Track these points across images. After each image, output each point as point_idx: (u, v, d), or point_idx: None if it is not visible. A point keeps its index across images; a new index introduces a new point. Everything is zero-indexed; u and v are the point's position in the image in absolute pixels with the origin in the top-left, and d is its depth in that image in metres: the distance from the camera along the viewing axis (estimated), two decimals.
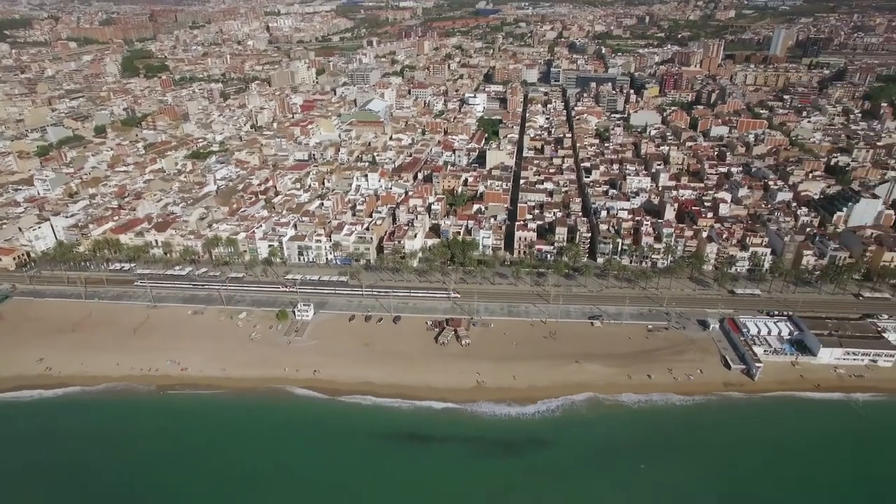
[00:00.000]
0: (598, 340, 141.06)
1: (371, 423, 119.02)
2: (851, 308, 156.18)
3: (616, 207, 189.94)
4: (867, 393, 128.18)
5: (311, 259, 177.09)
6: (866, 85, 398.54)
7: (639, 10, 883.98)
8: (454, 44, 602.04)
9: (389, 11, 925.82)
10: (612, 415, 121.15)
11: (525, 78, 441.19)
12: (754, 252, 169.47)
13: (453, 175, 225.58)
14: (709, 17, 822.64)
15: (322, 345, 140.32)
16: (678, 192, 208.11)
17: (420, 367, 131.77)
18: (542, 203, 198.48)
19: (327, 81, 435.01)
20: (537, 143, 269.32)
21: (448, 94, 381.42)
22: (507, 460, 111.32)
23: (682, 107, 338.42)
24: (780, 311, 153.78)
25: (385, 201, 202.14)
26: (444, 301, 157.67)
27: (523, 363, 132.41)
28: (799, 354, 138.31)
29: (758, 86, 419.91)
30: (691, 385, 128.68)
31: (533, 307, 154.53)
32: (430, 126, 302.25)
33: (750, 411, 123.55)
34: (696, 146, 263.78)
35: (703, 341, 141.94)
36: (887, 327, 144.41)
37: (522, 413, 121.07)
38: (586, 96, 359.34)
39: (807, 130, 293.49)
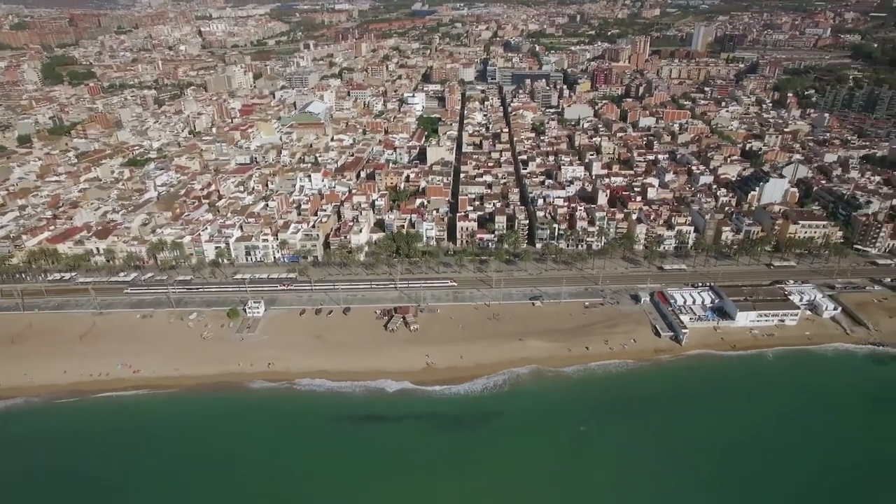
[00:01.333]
0: (538, 319, 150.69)
1: (327, 408, 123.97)
2: (764, 276, 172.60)
3: (552, 196, 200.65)
4: (776, 347, 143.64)
5: (259, 258, 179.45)
6: (776, 77, 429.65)
7: (570, 10, 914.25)
8: (391, 45, 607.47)
9: (325, 14, 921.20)
10: (554, 385, 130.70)
11: (462, 77, 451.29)
12: (679, 231, 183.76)
13: (395, 172, 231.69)
14: (636, 16, 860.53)
15: (275, 339, 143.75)
16: (610, 179, 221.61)
17: (371, 353, 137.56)
18: (482, 195, 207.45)
19: (265, 85, 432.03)
20: (476, 139, 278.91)
21: (387, 94, 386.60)
22: (458, 433, 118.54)
23: (612, 100, 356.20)
24: (703, 282, 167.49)
25: (329, 200, 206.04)
26: (391, 291, 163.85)
27: (470, 344, 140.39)
28: (720, 320, 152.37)
29: (681, 79, 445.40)
30: (626, 353, 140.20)
31: (477, 292, 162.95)
32: (370, 126, 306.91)
33: (678, 372, 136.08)
34: (625, 136, 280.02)
35: (635, 314, 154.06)
36: (793, 291, 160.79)
37: (471, 389, 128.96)
38: (522, 93, 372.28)
39: (725, 119, 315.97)
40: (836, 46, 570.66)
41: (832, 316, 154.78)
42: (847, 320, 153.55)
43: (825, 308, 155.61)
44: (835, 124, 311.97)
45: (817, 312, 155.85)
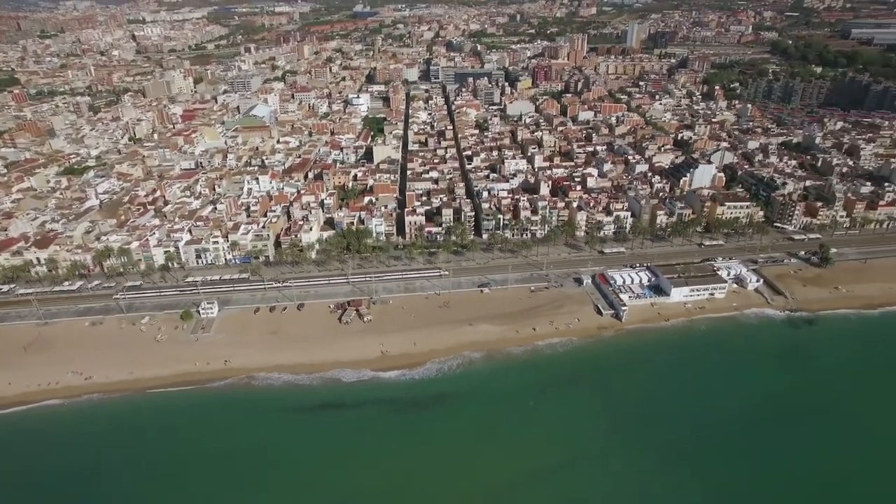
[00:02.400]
0: (487, 305, 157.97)
1: (286, 400, 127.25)
2: (695, 255, 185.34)
3: (496, 188, 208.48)
4: (707, 315, 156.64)
5: (210, 261, 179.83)
6: (704, 71, 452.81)
7: (510, 9, 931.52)
8: (334, 47, 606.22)
9: (265, 17, 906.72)
10: (504, 365, 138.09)
11: (406, 77, 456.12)
12: (618, 216, 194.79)
13: (343, 172, 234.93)
14: (574, 14, 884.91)
15: (230, 337, 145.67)
16: (552, 171, 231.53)
17: (327, 345, 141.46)
18: (428, 190, 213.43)
19: (207, 90, 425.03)
20: (421, 137, 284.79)
21: (332, 96, 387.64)
22: (415, 414, 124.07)
23: (552, 96, 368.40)
24: (640, 263, 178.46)
25: (278, 201, 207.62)
26: (344, 285, 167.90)
27: (422, 331, 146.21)
28: (656, 297, 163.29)
29: (618, 74, 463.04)
30: (570, 332, 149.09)
31: (427, 282, 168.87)
32: (316, 128, 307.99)
33: (620, 346, 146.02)
34: (566, 130, 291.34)
35: (578, 295, 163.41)
36: (721, 267, 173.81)
37: (425, 373, 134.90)
38: (465, 91, 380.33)
39: (658, 111, 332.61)
40: (757, 42, 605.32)
41: (755, 287, 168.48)
42: (768, 290, 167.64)
43: (749, 281, 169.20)
44: (757, 114, 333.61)
45: (743, 285, 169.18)
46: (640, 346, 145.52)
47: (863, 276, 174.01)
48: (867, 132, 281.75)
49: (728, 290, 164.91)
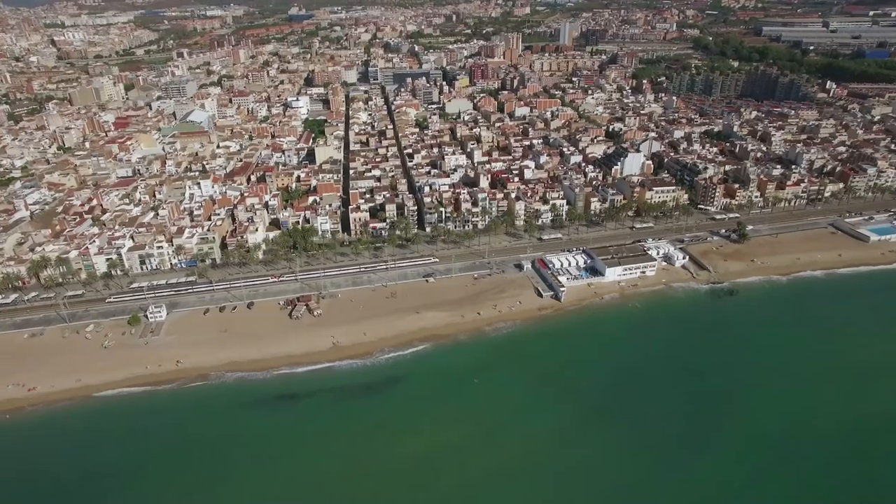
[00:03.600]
0: (433, 293, 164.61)
1: (240, 394, 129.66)
2: (627, 237, 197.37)
3: (438, 183, 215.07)
4: (639, 291, 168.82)
5: (155, 266, 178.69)
6: (633, 67, 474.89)
7: (446, 10, 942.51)
8: (271, 51, 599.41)
9: (197, 21, 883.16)
10: (451, 348, 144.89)
11: (345, 79, 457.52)
12: (554, 204, 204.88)
13: (286, 173, 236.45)
14: (508, 14, 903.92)
15: (181, 339, 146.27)
16: (490, 165, 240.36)
17: (279, 340, 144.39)
18: (372, 188, 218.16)
19: (139, 96, 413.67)
20: (362, 137, 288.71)
21: (270, 99, 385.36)
22: (366, 400, 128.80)
23: (489, 93, 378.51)
24: (576, 247, 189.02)
25: (222, 204, 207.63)
26: (293, 283, 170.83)
27: (371, 321, 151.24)
28: (592, 277, 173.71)
29: (552, 71, 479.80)
30: (513, 314, 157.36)
31: (374, 275, 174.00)
32: (256, 131, 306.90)
33: (559, 324, 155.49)
34: (503, 126, 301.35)
35: (519, 280, 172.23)
36: (651, 247, 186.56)
37: (376, 360, 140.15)
38: (404, 91, 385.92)
39: (591, 105, 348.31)
40: (681, 39, 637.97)
41: (682, 264, 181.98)
42: (693, 266, 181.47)
43: (677, 258, 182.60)
44: (681, 106, 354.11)
45: (671, 262, 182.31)
46: (579, 324, 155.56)
47: (774, 248, 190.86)
48: (777, 120, 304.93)
49: (658, 268, 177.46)
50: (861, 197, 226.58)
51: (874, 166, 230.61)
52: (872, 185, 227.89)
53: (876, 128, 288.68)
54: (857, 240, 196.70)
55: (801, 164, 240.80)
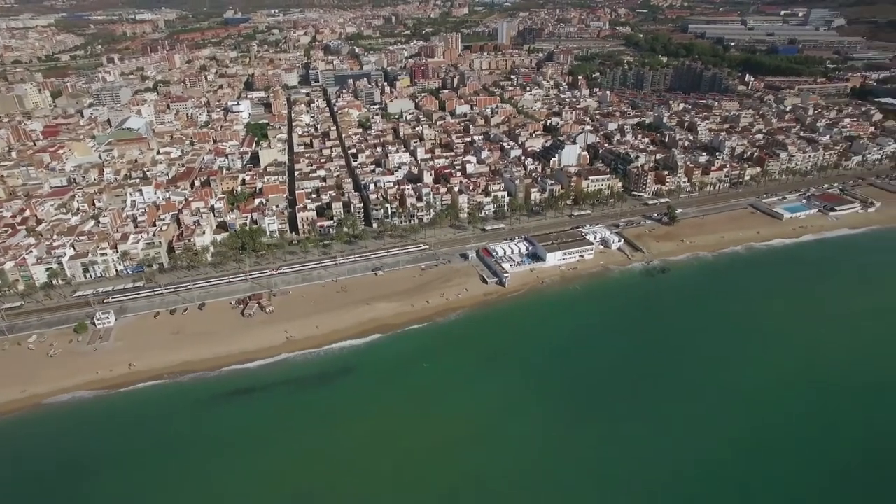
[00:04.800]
0: (382, 286, 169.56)
1: (196, 393, 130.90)
2: (566, 224, 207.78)
3: (383, 181, 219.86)
4: (579, 273, 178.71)
5: (100, 273, 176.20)
6: (569, 64, 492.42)
7: (385, 11, 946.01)
8: (208, 55, 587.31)
9: (126, 25, 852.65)
10: (401, 336, 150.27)
11: (286, 82, 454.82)
12: (496, 196, 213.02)
13: (230, 177, 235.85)
14: (447, 15, 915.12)
15: (132, 343, 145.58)
16: (433, 161, 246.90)
17: (232, 338, 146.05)
18: (318, 188, 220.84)
19: (69, 104, 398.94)
20: (306, 139, 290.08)
21: (210, 104, 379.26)
22: (321, 390, 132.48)
23: (430, 93, 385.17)
24: (518, 235, 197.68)
25: (166, 209, 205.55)
26: (243, 283, 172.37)
27: (323, 315, 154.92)
28: (534, 263, 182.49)
29: (491, 69, 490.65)
30: (460, 301, 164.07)
31: (324, 271, 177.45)
32: (197, 136, 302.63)
33: (504, 308, 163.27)
34: (445, 123, 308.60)
35: (465, 269, 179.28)
36: (588, 232, 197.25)
37: (329, 351, 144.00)
38: (346, 92, 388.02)
39: (529, 101, 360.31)
40: (614, 37, 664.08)
41: (618, 247, 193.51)
42: (629, 248, 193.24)
43: (613, 242, 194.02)
44: (615, 100, 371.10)
45: (608, 246, 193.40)
46: (523, 306, 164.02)
47: (701, 229, 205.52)
48: (702, 111, 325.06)
49: (595, 251, 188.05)
50: (776, 179, 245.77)
51: (786, 151, 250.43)
52: (785, 168, 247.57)
53: (788, 117, 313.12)
54: (772, 218, 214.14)
55: (723, 150, 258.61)
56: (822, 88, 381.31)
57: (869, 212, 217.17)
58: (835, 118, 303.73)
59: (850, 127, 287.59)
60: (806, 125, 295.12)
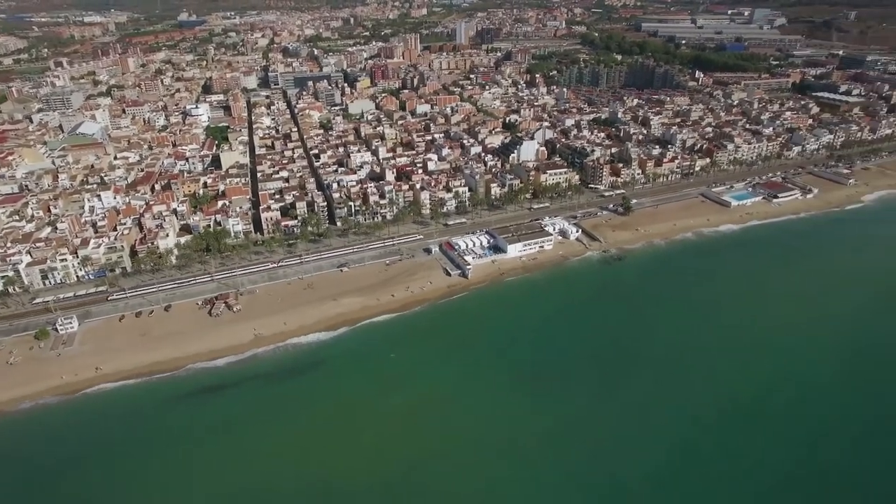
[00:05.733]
0: (348, 281, 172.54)
1: (166, 392, 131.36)
2: (526, 217, 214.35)
3: (345, 180, 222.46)
4: (540, 264, 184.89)
5: (60, 280, 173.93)
6: (526, 62, 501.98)
7: (343, 13, 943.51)
8: (162, 59, 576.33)
9: (73, 28, 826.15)
10: (367, 329, 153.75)
11: (245, 85, 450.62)
12: (457, 192, 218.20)
13: (192, 180, 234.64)
14: (406, 16, 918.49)
15: (97, 347, 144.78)
16: (395, 160, 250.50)
17: (200, 337, 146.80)
18: (281, 189, 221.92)
19: (16, 109, 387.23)
20: (267, 141, 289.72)
21: (168, 108, 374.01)
22: (290, 384, 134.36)
23: (391, 93, 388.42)
24: (480, 229, 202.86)
25: (127, 214, 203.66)
26: (210, 283, 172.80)
27: (291, 311, 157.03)
28: (496, 255, 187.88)
29: (450, 69, 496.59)
30: (425, 293, 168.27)
31: (290, 269, 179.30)
32: (156, 140, 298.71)
33: (468, 299, 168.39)
34: (405, 123, 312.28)
35: (429, 262, 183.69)
36: (547, 223, 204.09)
37: (297, 346, 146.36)
38: (306, 94, 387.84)
39: (488, 100, 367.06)
40: (570, 35, 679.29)
41: (576, 237, 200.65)
42: (586, 238, 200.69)
43: (571, 232, 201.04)
44: (572, 97, 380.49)
45: (566, 236, 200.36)
46: (485, 296, 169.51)
47: (655, 218, 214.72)
48: (655, 106, 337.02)
49: (555, 242, 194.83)
50: (724, 170, 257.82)
51: (733, 143, 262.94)
52: (732, 159, 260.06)
53: (735, 110, 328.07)
54: (721, 205, 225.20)
55: (675, 143, 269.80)
56: (765, 84, 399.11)
57: (808, 198, 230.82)
58: (777, 111, 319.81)
59: (791, 119, 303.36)
60: (751, 118, 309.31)
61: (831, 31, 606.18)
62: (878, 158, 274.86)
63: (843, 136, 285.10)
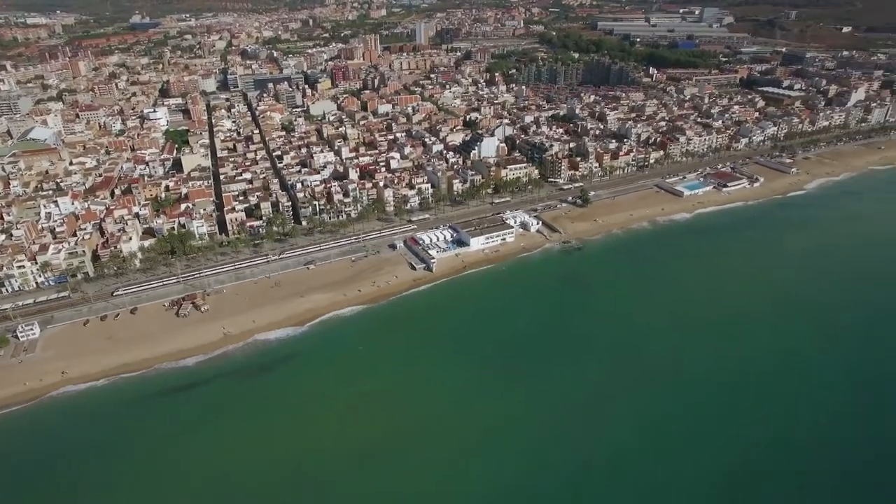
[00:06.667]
0: (315, 279, 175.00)
1: (135, 393, 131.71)
2: (488, 211, 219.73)
3: (309, 180, 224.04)
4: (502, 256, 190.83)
5: (18, 287, 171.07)
6: (486, 62, 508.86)
7: (302, 15, 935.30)
8: (116, 62, 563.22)
9: (16, 29, 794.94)
10: (335, 322, 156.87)
11: (203, 88, 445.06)
12: (420, 189, 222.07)
13: (153, 184, 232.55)
14: (365, 17, 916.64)
15: (62, 352, 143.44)
16: (358, 159, 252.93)
17: (169, 338, 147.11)
18: (244, 190, 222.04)
19: None
20: (229, 144, 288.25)
21: (125, 112, 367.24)
22: (261, 379, 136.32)
23: (352, 94, 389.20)
24: (443, 224, 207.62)
25: (86, 219, 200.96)
26: (176, 285, 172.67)
27: (259, 309, 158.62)
28: (459, 248, 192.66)
29: (411, 69, 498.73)
30: (391, 287, 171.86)
31: (257, 269, 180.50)
32: (113, 145, 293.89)
33: (433, 291, 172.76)
34: (367, 123, 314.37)
35: (394, 258, 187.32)
36: (509, 217, 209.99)
37: (266, 342, 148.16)
38: (267, 96, 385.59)
39: (449, 98, 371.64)
40: (528, 35, 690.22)
41: (537, 229, 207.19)
42: (547, 230, 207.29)
43: (532, 225, 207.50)
44: (530, 94, 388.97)
45: (527, 229, 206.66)
46: (450, 288, 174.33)
47: (612, 209, 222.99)
48: (611, 102, 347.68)
49: (516, 235, 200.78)
50: (677, 161, 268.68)
51: (685, 136, 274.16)
52: (684, 151, 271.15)
53: (686, 105, 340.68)
54: (674, 195, 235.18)
55: (630, 137, 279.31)
56: (715, 79, 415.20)
57: (754, 186, 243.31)
58: (726, 105, 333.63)
59: (739, 113, 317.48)
60: (702, 112, 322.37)
61: (775, 30, 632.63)
62: (817, 149, 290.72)
63: (785, 128, 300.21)
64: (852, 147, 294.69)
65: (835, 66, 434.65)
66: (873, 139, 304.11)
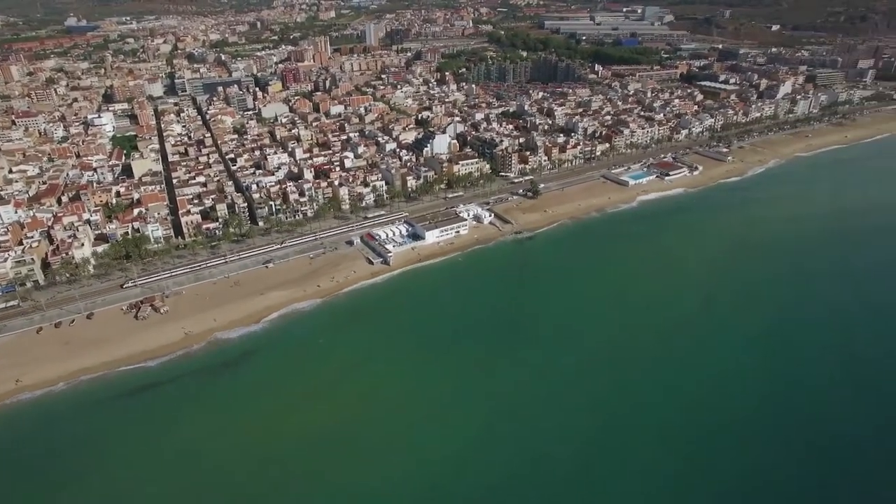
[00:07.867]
0: (274, 276, 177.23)
1: (97, 395, 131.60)
2: (442, 206, 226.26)
3: (264, 181, 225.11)
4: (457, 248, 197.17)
5: None
6: (436, 61, 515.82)
7: (249, 17, 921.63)
8: (53, 66, 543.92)
9: None
10: (297, 318, 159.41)
11: (150, 92, 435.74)
12: (374, 186, 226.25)
13: (102, 190, 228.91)
14: (314, 19, 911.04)
15: (15, 360, 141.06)
16: (312, 160, 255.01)
17: (129, 341, 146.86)
18: (199, 193, 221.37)
19: None
20: (180, 148, 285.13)
21: (66, 118, 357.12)
22: (223, 376, 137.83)
23: (304, 95, 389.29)
24: (398, 219, 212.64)
25: (32, 227, 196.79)
26: (133, 289, 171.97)
27: (220, 309, 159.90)
28: (415, 242, 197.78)
29: (362, 70, 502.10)
30: (348, 282, 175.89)
31: (215, 269, 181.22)
32: (56, 152, 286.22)
33: (391, 283, 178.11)
34: (320, 124, 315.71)
35: (352, 253, 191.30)
36: (462, 210, 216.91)
37: (228, 340, 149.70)
38: (217, 100, 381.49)
39: (400, 98, 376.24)
40: (477, 34, 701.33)
41: (490, 221, 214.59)
42: (499, 222, 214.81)
43: (485, 217, 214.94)
44: (481, 92, 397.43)
45: (480, 221, 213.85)
46: (407, 280, 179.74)
47: (561, 200, 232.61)
48: (559, 98, 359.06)
49: (470, 227, 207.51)
50: (622, 153, 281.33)
51: (629, 129, 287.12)
52: (629, 143, 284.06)
53: (630, 99, 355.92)
54: (620, 185, 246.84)
55: (577, 131, 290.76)
56: (657, 75, 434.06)
57: (694, 175, 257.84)
58: (667, 99, 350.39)
59: (679, 106, 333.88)
60: (645, 106, 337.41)
61: (711, 28, 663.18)
62: (751, 138, 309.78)
63: (722, 120, 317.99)
64: (781, 136, 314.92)
65: (765, 62, 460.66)
66: (799, 128, 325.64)
